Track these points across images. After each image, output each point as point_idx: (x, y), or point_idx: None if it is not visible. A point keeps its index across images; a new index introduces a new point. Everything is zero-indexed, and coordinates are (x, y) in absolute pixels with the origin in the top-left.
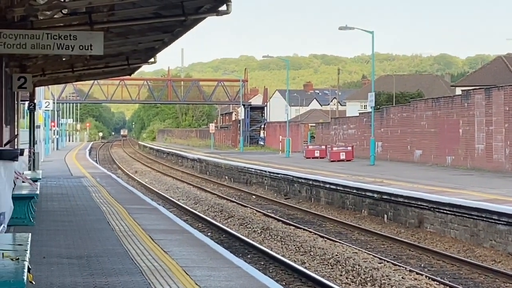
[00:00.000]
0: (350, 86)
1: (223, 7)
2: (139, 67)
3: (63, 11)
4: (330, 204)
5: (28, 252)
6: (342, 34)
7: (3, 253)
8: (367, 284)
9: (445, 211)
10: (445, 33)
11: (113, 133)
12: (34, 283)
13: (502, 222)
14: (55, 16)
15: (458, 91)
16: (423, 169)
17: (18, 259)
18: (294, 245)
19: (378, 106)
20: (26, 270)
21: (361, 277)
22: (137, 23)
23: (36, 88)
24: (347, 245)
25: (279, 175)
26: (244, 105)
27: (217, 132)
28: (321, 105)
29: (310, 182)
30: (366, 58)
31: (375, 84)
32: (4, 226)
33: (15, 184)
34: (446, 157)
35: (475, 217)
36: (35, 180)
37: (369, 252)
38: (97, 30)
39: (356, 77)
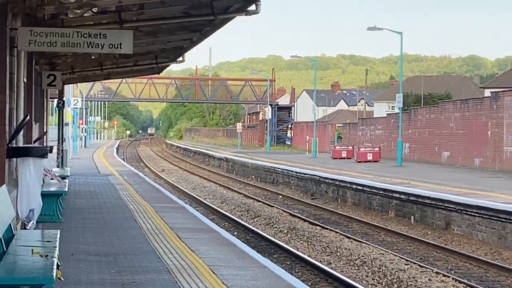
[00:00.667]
0: (378, 86)
1: (252, 7)
2: (168, 66)
3: (93, 9)
4: (356, 204)
5: (57, 249)
6: (370, 35)
7: (32, 250)
8: (393, 285)
9: (472, 213)
10: (474, 34)
11: (140, 132)
12: (62, 279)
13: None
14: (85, 15)
15: (487, 92)
16: (451, 171)
17: (47, 255)
18: (321, 246)
19: (406, 107)
20: (55, 267)
21: (387, 279)
22: (166, 22)
23: (65, 86)
24: (373, 246)
25: (306, 175)
26: (271, 105)
27: (244, 132)
28: (349, 106)
29: (337, 183)
30: (394, 58)
31: (403, 85)
32: (33, 223)
33: (43, 181)
34: (474, 159)
35: (503, 220)
36: (63, 177)
37: (395, 254)
38: (127, 29)
39: (384, 78)
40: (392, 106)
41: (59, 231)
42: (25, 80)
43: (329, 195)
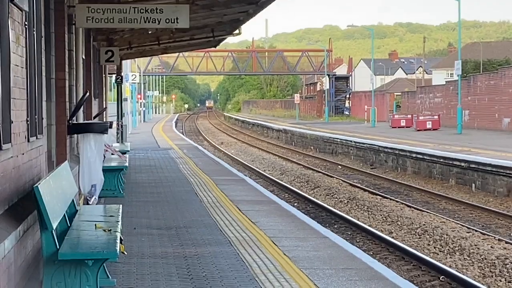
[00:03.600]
0: (436, 54)
1: None
2: (224, 39)
3: None
4: (416, 173)
5: (120, 223)
6: (427, 1)
7: (95, 225)
8: (455, 253)
9: None
10: None
11: (198, 105)
12: (126, 253)
13: None
14: None
15: None
16: None
17: (110, 230)
18: (381, 215)
19: (465, 74)
20: (118, 241)
21: (449, 247)
22: None
23: (123, 61)
24: (434, 215)
25: (365, 145)
26: (328, 75)
27: (302, 103)
28: (407, 74)
29: (397, 152)
30: (452, 25)
31: (462, 52)
32: (95, 198)
33: (104, 157)
34: None
35: None
36: (123, 152)
37: (457, 222)
38: (183, 3)
39: (442, 45)
40: (450, 74)
41: (121, 205)
42: (83, 57)
43: (389, 164)
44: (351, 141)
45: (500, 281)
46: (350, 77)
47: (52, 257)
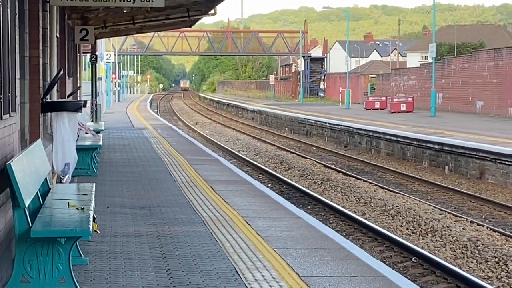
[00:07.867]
0: (410, 37)
1: None
2: (199, 18)
3: None
4: (390, 155)
5: (93, 202)
6: None
7: (68, 203)
8: (427, 235)
9: (507, 162)
10: None
11: (173, 85)
12: (99, 232)
13: None
14: None
15: None
16: (485, 120)
17: (83, 208)
18: (355, 196)
19: (439, 57)
20: (91, 220)
21: (421, 228)
22: None
23: (98, 40)
24: (407, 196)
25: (339, 127)
26: (304, 57)
27: (277, 84)
28: (382, 56)
29: (371, 134)
30: (427, 8)
31: (436, 35)
32: (68, 176)
33: (78, 136)
34: (508, 108)
35: None
36: (97, 132)
37: (429, 203)
38: None
39: (417, 28)
40: (425, 56)
41: (94, 184)
42: (58, 35)
43: (363, 146)
44: (325, 122)
45: (472, 262)
46: (325, 59)
47: (24, 235)
